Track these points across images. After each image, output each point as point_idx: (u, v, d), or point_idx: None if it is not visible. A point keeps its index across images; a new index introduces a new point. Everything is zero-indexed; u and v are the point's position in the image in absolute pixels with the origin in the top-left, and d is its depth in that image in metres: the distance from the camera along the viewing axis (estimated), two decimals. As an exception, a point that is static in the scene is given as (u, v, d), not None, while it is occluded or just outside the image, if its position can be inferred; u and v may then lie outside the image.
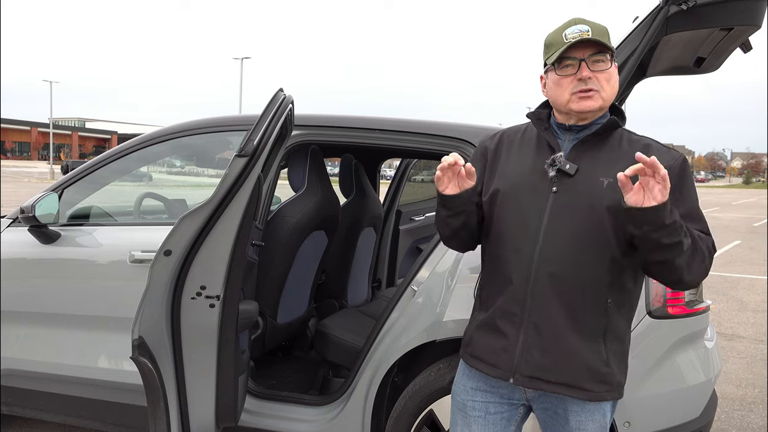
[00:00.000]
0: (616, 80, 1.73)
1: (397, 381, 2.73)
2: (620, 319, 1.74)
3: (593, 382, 1.71)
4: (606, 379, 1.72)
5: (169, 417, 2.35)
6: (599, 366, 1.71)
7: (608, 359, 1.72)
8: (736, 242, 14.31)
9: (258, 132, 2.23)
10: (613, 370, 1.73)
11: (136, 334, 2.19)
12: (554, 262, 1.69)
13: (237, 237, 2.26)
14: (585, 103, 1.69)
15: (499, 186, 1.80)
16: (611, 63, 1.71)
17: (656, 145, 1.75)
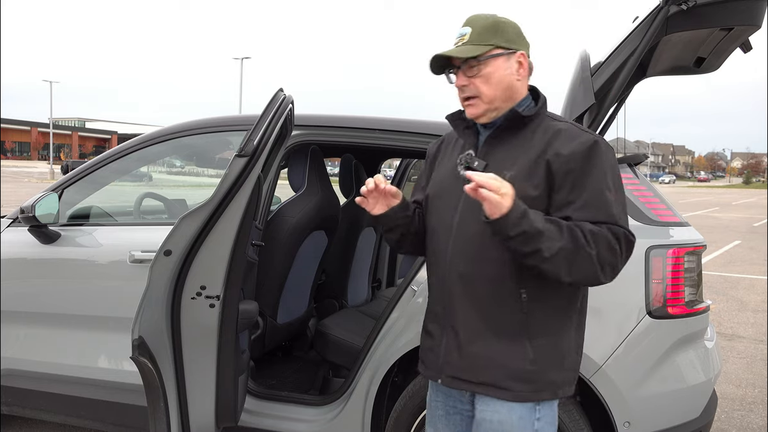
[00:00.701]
0: (498, 77, 1.68)
1: (397, 381, 2.73)
2: (547, 314, 1.68)
3: (515, 381, 1.67)
4: (531, 378, 1.67)
5: (169, 417, 2.35)
6: (522, 364, 1.67)
7: (535, 357, 1.67)
8: (736, 242, 14.31)
9: (258, 132, 2.23)
10: (541, 368, 1.68)
11: (136, 334, 2.19)
12: (461, 261, 1.72)
13: (237, 237, 2.26)
14: (469, 111, 1.74)
15: (429, 190, 1.87)
16: (487, 63, 1.68)
17: (569, 130, 1.68)
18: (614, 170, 1.68)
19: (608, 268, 1.60)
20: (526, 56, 1.73)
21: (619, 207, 1.64)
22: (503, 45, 1.70)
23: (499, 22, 1.72)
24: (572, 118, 2.51)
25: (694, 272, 2.45)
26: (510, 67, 1.71)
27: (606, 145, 1.68)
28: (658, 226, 2.43)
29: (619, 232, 1.60)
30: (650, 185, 2.58)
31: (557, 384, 1.71)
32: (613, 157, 1.68)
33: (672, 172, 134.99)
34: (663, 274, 2.35)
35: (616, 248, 1.59)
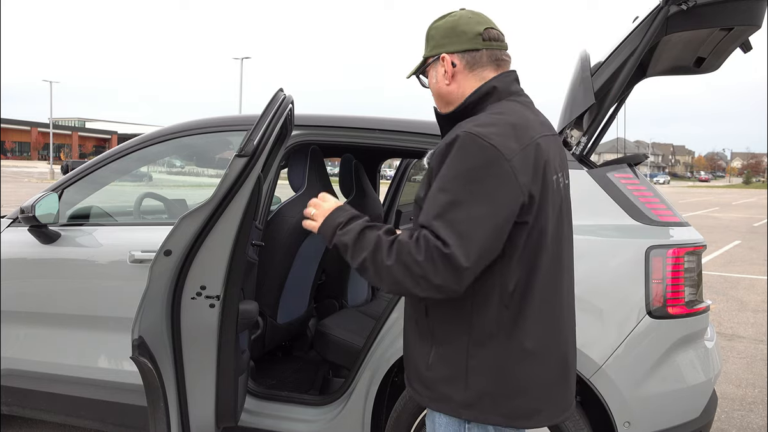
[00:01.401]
0: (433, 87, 1.70)
1: (397, 381, 2.73)
2: (443, 322, 1.57)
3: (417, 383, 1.65)
4: (427, 383, 1.61)
5: (169, 417, 2.35)
6: (421, 367, 1.63)
7: (431, 363, 1.60)
8: (736, 242, 14.31)
9: (258, 132, 2.23)
10: (435, 375, 1.59)
11: (136, 334, 2.19)
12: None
13: (237, 237, 2.26)
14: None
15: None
16: (426, 74, 1.72)
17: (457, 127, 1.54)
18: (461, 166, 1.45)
19: (420, 280, 1.42)
20: (447, 56, 1.64)
21: (443, 209, 1.43)
22: (430, 53, 1.69)
23: (431, 28, 1.70)
24: (572, 118, 2.51)
25: (694, 272, 2.45)
26: (437, 74, 1.68)
27: (470, 139, 1.46)
28: (658, 226, 2.43)
29: (427, 239, 1.42)
30: (650, 185, 2.58)
31: (457, 402, 1.56)
32: (473, 154, 1.44)
33: (672, 172, 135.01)
34: (663, 274, 2.35)
35: (417, 258, 1.41)
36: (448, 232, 1.41)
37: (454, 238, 1.40)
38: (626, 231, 2.40)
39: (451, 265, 1.40)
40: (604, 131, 2.82)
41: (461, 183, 1.44)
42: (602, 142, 3.16)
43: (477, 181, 1.44)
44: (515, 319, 1.54)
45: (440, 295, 1.45)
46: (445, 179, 1.46)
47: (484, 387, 1.54)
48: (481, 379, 1.54)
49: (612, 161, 2.61)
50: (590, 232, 2.40)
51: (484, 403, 1.54)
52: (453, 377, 1.56)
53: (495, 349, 1.54)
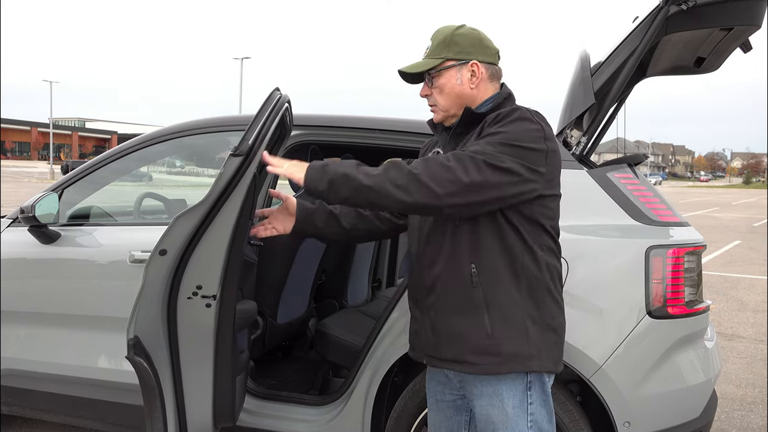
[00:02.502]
0: (449, 87, 1.84)
1: (397, 381, 2.73)
2: (502, 285, 1.75)
3: (477, 355, 1.76)
4: (489, 351, 1.75)
5: (166, 417, 2.35)
6: (479, 338, 1.76)
7: (492, 331, 1.75)
8: (736, 242, 14.31)
9: (253, 131, 2.23)
10: (498, 340, 1.75)
11: (131, 334, 2.19)
12: (422, 246, 1.87)
13: (233, 236, 2.26)
14: (434, 117, 1.93)
15: None
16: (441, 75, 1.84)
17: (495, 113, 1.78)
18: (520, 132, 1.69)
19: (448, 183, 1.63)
20: (479, 64, 1.84)
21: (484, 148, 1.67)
22: (454, 57, 1.83)
23: (455, 34, 1.84)
24: (572, 118, 2.51)
25: (694, 272, 2.45)
26: (461, 77, 1.84)
27: (523, 113, 1.73)
28: (658, 226, 2.43)
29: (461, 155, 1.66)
30: (650, 185, 2.58)
31: (524, 356, 1.75)
32: (526, 126, 1.71)
33: (672, 172, 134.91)
34: (663, 274, 2.34)
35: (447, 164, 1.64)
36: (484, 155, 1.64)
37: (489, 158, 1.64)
38: (626, 231, 2.40)
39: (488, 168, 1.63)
40: (604, 131, 2.82)
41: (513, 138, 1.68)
42: (602, 142, 3.16)
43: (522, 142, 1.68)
44: (553, 272, 1.81)
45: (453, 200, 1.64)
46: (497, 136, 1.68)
47: (540, 337, 1.77)
48: (538, 330, 1.77)
49: (612, 161, 2.60)
50: (590, 232, 2.40)
51: (541, 352, 1.77)
52: (515, 335, 1.75)
53: (543, 301, 1.78)
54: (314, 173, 1.73)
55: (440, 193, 1.62)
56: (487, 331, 1.75)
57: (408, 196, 1.64)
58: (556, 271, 1.83)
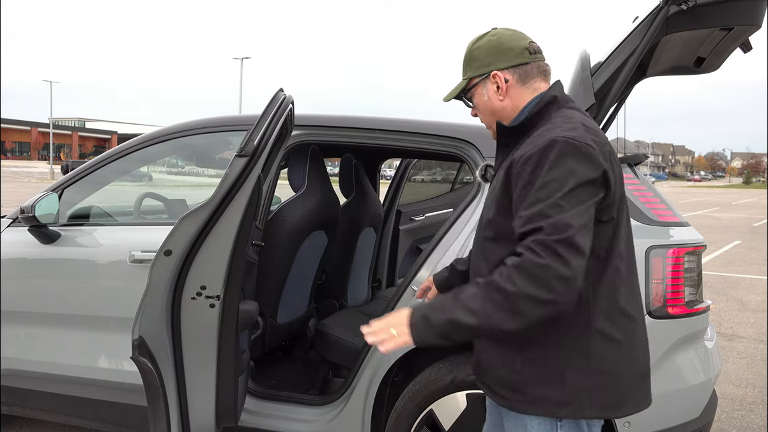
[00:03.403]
0: (481, 105, 1.75)
1: (397, 381, 2.73)
2: (541, 327, 1.53)
3: (504, 389, 1.65)
4: (517, 388, 1.62)
5: (169, 417, 2.35)
6: (507, 373, 1.63)
7: (520, 368, 1.61)
8: (736, 242, 14.31)
9: (258, 132, 2.23)
10: (524, 379, 1.60)
11: (136, 334, 2.19)
12: (472, 268, 1.79)
13: (237, 237, 2.26)
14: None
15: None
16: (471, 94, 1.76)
17: (540, 134, 1.58)
18: (568, 174, 1.48)
19: (553, 281, 1.42)
20: (499, 73, 1.69)
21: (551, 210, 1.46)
22: (475, 74, 1.73)
23: (473, 49, 1.74)
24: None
25: (694, 272, 2.45)
26: (487, 93, 1.73)
27: (566, 144, 1.50)
28: (658, 226, 2.43)
29: (545, 242, 1.43)
30: (650, 185, 2.58)
31: (554, 402, 1.58)
32: (573, 160, 1.49)
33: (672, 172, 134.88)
34: (663, 274, 2.35)
35: (540, 262, 1.42)
36: (561, 224, 1.44)
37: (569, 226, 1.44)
38: (626, 231, 2.40)
39: (576, 251, 1.43)
40: (604, 131, 2.82)
41: (565, 181, 1.47)
42: (602, 142, 3.15)
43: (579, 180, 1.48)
44: (604, 303, 1.59)
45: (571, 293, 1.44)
46: (544, 187, 1.48)
47: (581, 381, 1.58)
48: (578, 375, 1.57)
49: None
50: (590, 232, 2.39)
51: (581, 398, 1.58)
52: (547, 378, 1.58)
53: (588, 342, 1.57)
54: (421, 331, 1.52)
55: (553, 297, 1.43)
56: (516, 367, 1.61)
57: (522, 320, 1.45)
58: (610, 302, 1.59)
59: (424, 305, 1.57)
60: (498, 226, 1.62)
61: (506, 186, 1.59)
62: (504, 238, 1.59)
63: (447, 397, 2.43)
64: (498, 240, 1.62)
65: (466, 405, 2.40)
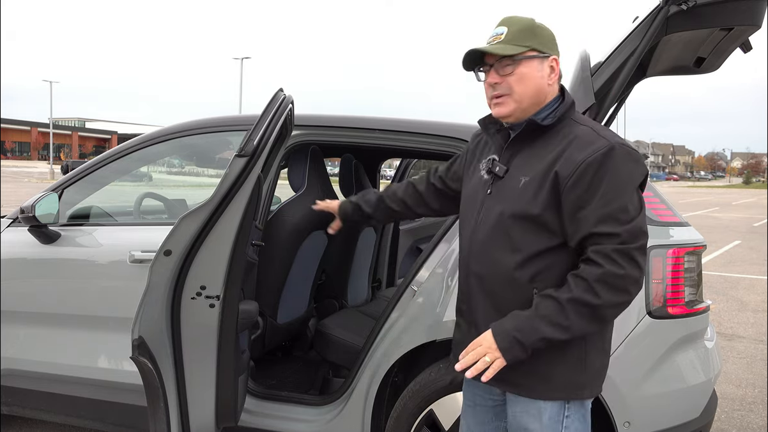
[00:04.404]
0: (531, 78, 1.71)
1: (397, 381, 2.73)
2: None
3: (528, 379, 1.71)
4: (544, 376, 1.70)
5: (169, 417, 2.35)
6: (536, 363, 1.68)
7: (549, 357, 1.67)
8: (736, 242, 14.31)
9: (258, 132, 2.23)
10: (555, 368, 1.69)
11: (136, 334, 2.19)
12: (477, 262, 1.78)
13: (237, 237, 2.26)
14: (497, 109, 1.76)
15: (463, 191, 1.95)
16: (522, 63, 1.70)
17: (585, 135, 1.68)
18: (630, 179, 1.63)
19: (630, 287, 1.59)
20: (558, 61, 1.76)
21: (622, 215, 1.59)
22: (538, 48, 1.72)
23: (536, 25, 1.75)
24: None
25: (694, 272, 2.45)
26: (542, 71, 1.73)
27: (624, 150, 1.63)
28: (658, 226, 2.43)
29: (625, 251, 1.57)
30: (650, 185, 2.58)
31: (578, 385, 1.71)
32: (632, 165, 1.64)
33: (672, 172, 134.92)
34: (663, 274, 2.35)
35: (619, 272, 1.56)
36: (635, 239, 1.58)
37: (643, 233, 1.60)
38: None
39: (645, 254, 1.60)
40: (604, 131, 2.82)
41: (630, 189, 1.62)
42: (602, 142, 3.15)
43: (633, 185, 1.63)
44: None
45: (638, 289, 1.61)
46: (616, 191, 1.60)
47: (597, 366, 1.72)
48: (596, 360, 1.72)
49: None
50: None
51: (595, 379, 1.73)
52: (575, 364, 1.69)
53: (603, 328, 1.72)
54: (515, 353, 1.62)
55: (631, 298, 1.61)
56: (543, 357, 1.67)
57: (604, 323, 1.65)
58: None
59: (507, 327, 1.64)
60: (542, 220, 1.66)
61: (555, 185, 1.64)
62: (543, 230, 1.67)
63: (447, 397, 2.43)
64: (534, 233, 1.67)
65: (466, 405, 2.40)
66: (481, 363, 1.64)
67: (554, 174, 1.64)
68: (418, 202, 2.23)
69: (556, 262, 1.67)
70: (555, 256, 1.67)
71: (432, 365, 2.53)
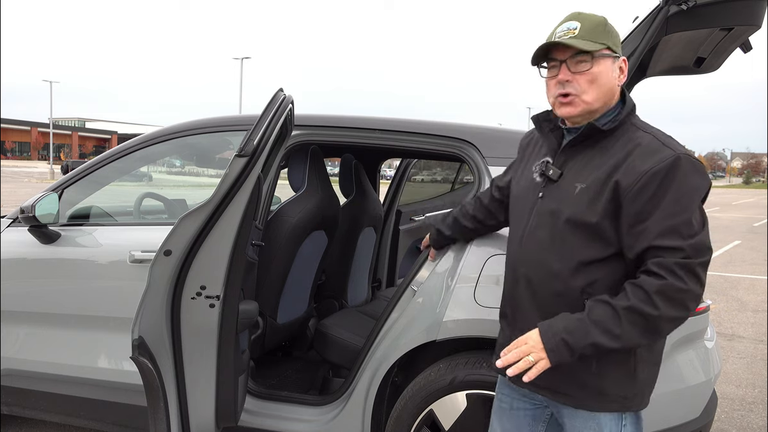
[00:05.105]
0: (605, 78, 1.64)
1: (397, 381, 2.73)
2: None
3: (576, 388, 1.67)
4: (596, 388, 1.66)
5: (169, 417, 2.35)
6: (582, 373, 1.65)
7: (599, 369, 1.64)
8: (736, 242, 14.31)
9: (258, 132, 2.23)
10: (604, 380, 1.65)
11: (136, 334, 2.19)
12: (527, 267, 1.73)
13: (237, 237, 2.26)
14: (565, 109, 1.67)
15: (512, 189, 1.90)
16: (597, 62, 1.62)
17: (650, 144, 1.60)
18: (695, 192, 1.56)
19: (690, 303, 1.53)
20: (626, 63, 1.71)
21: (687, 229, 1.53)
22: (613, 47, 1.65)
23: (608, 25, 1.67)
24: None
25: (694, 272, 2.44)
26: (615, 71, 1.66)
27: (690, 162, 1.56)
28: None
29: (689, 266, 1.51)
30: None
31: (626, 397, 1.67)
32: (698, 177, 1.57)
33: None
34: (663, 274, 2.34)
35: (681, 287, 1.51)
36: (700, 254, 1.53)
37: (707, 249, 1.55)
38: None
39: (707, 270, 1.56)
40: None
41: (694, 204, 1.56)
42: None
43: (698, 199, 1.57)
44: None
45: (697, 305, 1.56)
46: (681, 203, 1.54)
47: (645, 378, 1.69)
48: (644, 371, 1.68)
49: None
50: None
51: (644, 390, 1.70)
52: (624, 376, 1.66)
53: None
54: (561, 355, 1.57)
55: (688, 314, 1.56)
56: (592, 368, 1.63)
57: (659, 336, 1.59)
58: None
59: (558, 327, 1.58)
60: (598, 228, 1.60)
61: (616, 194, 1.58)
62: (599, 239, 1.61)
63: (447, 397, 2.43)
64: (589, 240, 1.62)
65: (466, 405, 2.40)
66: (524, 363, 1.58)
67: (614, 183, 1.57)
68: (486, 215, 2.20)
69: (609, 273, 1.61)
70: (608, 267, 1.62)
71: (432, 365, 2.53)
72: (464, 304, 2.40)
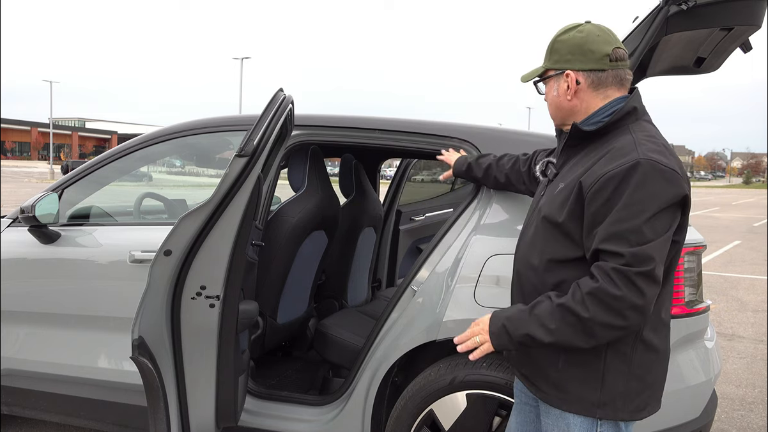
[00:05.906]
0: (550, 98, 1.76)
1: (397, 381, 2.73)
2: None
3: (544, 383, 1.72)
4: (558, 385, 1.68)
5: (169, 417, 2.35)
6: (549, 369, 1.69)
7: (561, 366, 1.67)
8: (736, 242, 14.31)
9: (258, 132, 2.23)
10: (565, 377, 1.66)
11: (136, 334, 2.19)
12: (518, 262, 1.82)
13: (237, 237, 2.26)
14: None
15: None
16: (545, 84, 1.76)
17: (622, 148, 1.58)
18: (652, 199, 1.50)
19: (626, 311, 1.50)
20: (573, 74, 1.68)
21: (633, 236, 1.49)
22: (552, 66, 1.72)
23: (556, 41, 1.73)
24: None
25: (694, 272, 2.45)
26: (558, 88, 1.72)
27: (653, 166, 1.51)
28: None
29: (626, 273, 1.48)
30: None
31: (591, 402, 1.64)
32: (661, 183, 1.51)
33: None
34: (663, 274, 2.34)
35: (615, 293, 1.49)
36: (643, 255, 1.49)
37: (650, 259, 1.49)
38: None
39: (652, 282, 1.50)
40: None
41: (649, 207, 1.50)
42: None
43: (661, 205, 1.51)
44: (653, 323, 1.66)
45: (642, 318, 1.53)
46: (628, 209, 1.50)
47: (618, 387, 1.64)
48: (617, 379, 1.63)
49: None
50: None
51: (616, 401, 1.64)
52: (587, 379, 1.65)
53: (632, 352, 1.63)
54: (501, 339, 1.64)
55: (627, 324, 1.52)
56: (557, 365, 1.67)
57: (594, 341, 1.56)
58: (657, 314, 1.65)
59: (503, 314, 1.67)
60: (564, 228, 1.64)
61: (579, 195, 1.60)
62: (567, 239, 1.64)
63: (447, 397, 2.43)
64: (558, 240, 1.66)
65: (466, 405, 2.40)
66: (471, 342, 1.69)
67: (579, 184, 1.60)
68: (517, 179, 2.36)
69: (578, 274, 1.61)
70: (578, 269, 1.62)
71: (432, 365, 2.53)
72: (464, 304, 2.40)
